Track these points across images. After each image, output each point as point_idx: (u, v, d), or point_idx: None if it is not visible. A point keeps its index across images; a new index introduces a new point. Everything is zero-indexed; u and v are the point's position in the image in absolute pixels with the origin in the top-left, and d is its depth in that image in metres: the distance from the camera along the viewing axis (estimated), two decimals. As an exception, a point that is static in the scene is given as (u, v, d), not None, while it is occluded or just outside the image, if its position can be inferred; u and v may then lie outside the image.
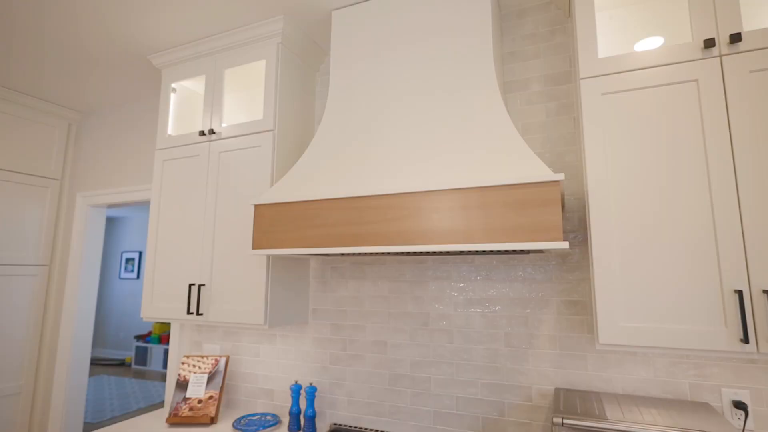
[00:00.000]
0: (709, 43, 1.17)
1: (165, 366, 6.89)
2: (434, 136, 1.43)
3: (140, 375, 6.64)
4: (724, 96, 1.15)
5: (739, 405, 1.27)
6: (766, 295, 1.04)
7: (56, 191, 2.76)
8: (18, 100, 2.55)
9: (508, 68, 1.74)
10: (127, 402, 5.19)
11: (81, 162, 2.84)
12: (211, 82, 1.97)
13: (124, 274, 7.86)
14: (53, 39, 1.98)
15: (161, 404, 5.09)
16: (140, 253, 7.78)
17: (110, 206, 2.80)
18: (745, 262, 1.08)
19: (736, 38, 1.14)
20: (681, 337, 1.11)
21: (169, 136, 2.04)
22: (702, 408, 1.22)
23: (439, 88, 1.51)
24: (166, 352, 6.96)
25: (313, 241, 1.42)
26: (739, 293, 1.06)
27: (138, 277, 7.73)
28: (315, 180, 1.51)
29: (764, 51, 1.13)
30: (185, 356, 1.97)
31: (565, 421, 1.14)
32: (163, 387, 5.94)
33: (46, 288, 2.68)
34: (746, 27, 1.37)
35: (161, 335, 7.08)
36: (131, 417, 4.83)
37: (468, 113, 1.42)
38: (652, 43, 1.49)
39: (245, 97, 2.22)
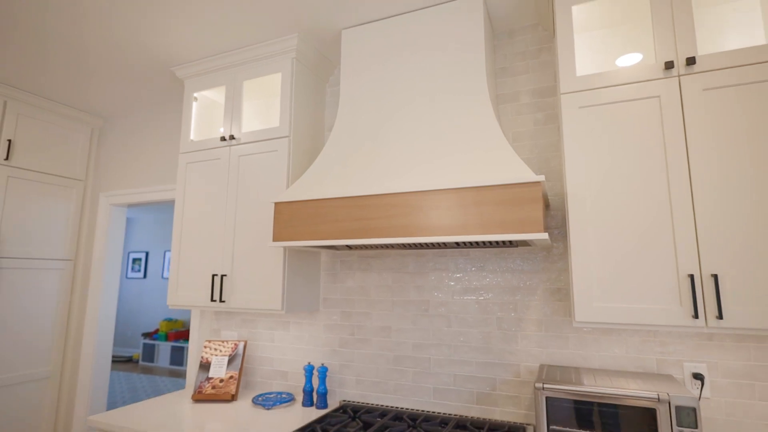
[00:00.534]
0: (669, 65, 1.37)
1: (172, 362, 7.08)
2: (433, 142, 1.63)
3: (148, 371, 6.83)
4: (681, 110, 1.35)
5: (697, 376, 1.46)
6: (712, 278, 1.24)
7: (81, 191, 2.96)
8: (48, 107, 2.74)
9: (500, 82, 1.94)
10: (137, 395, 5.38)
11: (103, 164, 3.04)
12: (231, 93, 2.16)
13: (131, 274, 8.05)
14: (86, 51, 2.18)
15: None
16: (147, 254, 7.96)
17: (130, 205, 3.00)
18: (696, 251, 1.27)
19: (691, 61, 1.34)
20: (645, 315, 1.31)
21: (192, 141, 2.24)
22: (666, 379, 1.42)
23: (438, 100, 1.71)
24: (173, 348, 7.14)
25: (325, 234, 1.61)
26: (691, 277, 1.26)
27: (144, 276, 7.92)
28: (327, 181, 1.71)
29: (715, 72, 1.32)
30: (207, 341, 2.17)
31: (545, 386, 1.33)
32: (171, 382, 6.13)
33: (71, 280, 2.88)
34: (700, 51, 1.57)
35: (168, 333, 7.26)
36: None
37: (463, 122, 1.62)
38: (632, 58, 1.69)
39: (262, 104, 2.42)
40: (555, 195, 1.77)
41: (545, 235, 1.29)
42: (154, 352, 7.34)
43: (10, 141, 2.56)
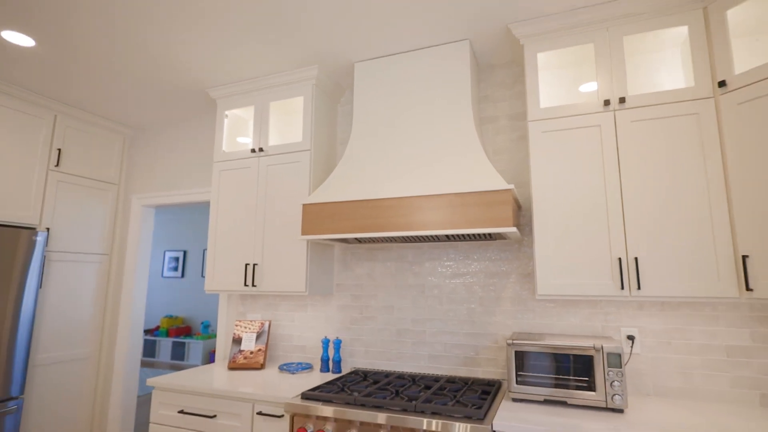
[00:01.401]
0: (607, 102, 1.83)
1: (173, 357, 7.38)
2: (428, 156, 2.07)
3: (149, 365, 7.13)
4: (615, 136, 1.81)
5: (630, 337, 1.92)
6: (635, 260, 1.70)
7: (115, 193, 3.33)
8: (88, 119, 3.12)
9: (483, 107, 2.39)
10: (144, 385, 5.69)
11: (134, 169, 3.41)
12: (259, 112, 2.58)
13: (132, 272, 8.32)
14: (131, 74, 2.56)
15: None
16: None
17: (158, 207, 3.37)
18: (624, 242, 1.73)
19: (623, 100, 1.81)
20: (588, 288, 1.76)
21: (224, 152, 2.65)
22: (606, 339, 1.87)
23: (432, 123, 2.15)
24: (174, 344, 7.45)
25: (342, 229, 2.03)
26: (620, 259, 1.71)
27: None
28: (344, 187, 2.14)
29: (641, 108, 1.79)
30: (237, 321, 2.57)
31: (514, 341, 1.78)
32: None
33: (107, 272, 3.24)
34: (630, 92, 2.03)
35: (169, 329, 7.57)
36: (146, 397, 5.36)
37: (452, 140, 2.06)
38: (581, 95, 2.15)
39: (285, 120, 2.83)
40: (525, 199, 2.22)
41: (514, 229, 1.73)
42: (155, 348, 7.62)
43: (59, 150, 2.93)
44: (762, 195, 1.53)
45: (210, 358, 6.95)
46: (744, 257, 1.54)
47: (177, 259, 7.93)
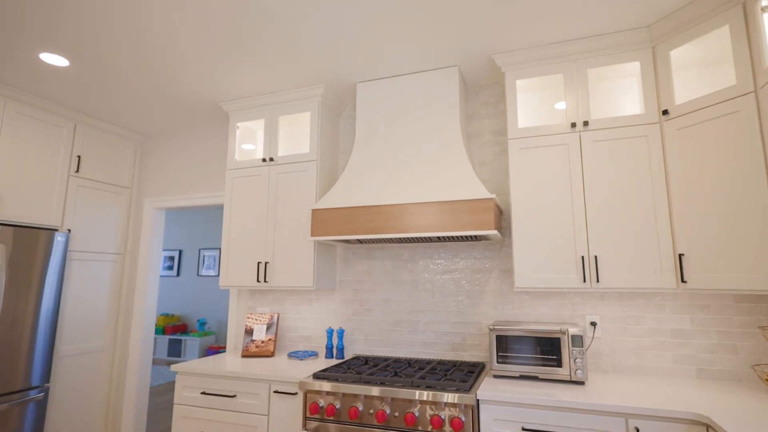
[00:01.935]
0: (573, 125, 2.16)
1: (170, 354, 7.56)
2: (422, 168, 2.38)
3: (147, 362, 7.29)
4: (580, 154, 2.14)
5: (593, 323, 2.27)
6: (595, 258, 2.03)
7: (128, 197, 3.57)
8: (104, 128, 3.35)
9: (470, 123, 2.71)
10: (153, 377, 5.89)
11: (146, 174, 3.65)
12: (269, 124, 2.86)
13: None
14: (150, 89, 2.80)
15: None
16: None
17: (169, 209, 3.62)
18: (587, 242, 2.06)
19: (586, 123, 2.14)
20: (556, 281, 2.09)
21: (236, 160, 2.91)
22: (573, 325, 2.20)
23: (426, 137, 2.46)
24: (170, 341, 7.62)
25: (347, 231, 2.33)
26: (583, 257, 2.05)
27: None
28: (348, 195, 2.43)
29: (601, 130, 2.12)
30: (249, 314, 2.84)
31: (495, 327, 2.10)
32: (167, 371, 6.64)
33: (121, 271, 3.48)
34: (593, 116, 2.37)
35: (165, 327, 7.74)
36: (153, 389, 5.59)
37: (442, 153, 2.37)
38: (552, 117, 2.48)
39: (290, 131, 3.11)
40: (506, 205, 2.55)
41: (496, 232, 2.05)
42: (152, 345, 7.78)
43: (79, 157, 3.16)
44: (695, 204, 1.88)
45: (207, 354, 7.16)
46: (680, 255, 1.89)
47: (172, 258, 8.10)
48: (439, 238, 2.28)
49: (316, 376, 2.13)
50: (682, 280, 1.88)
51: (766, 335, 1.98)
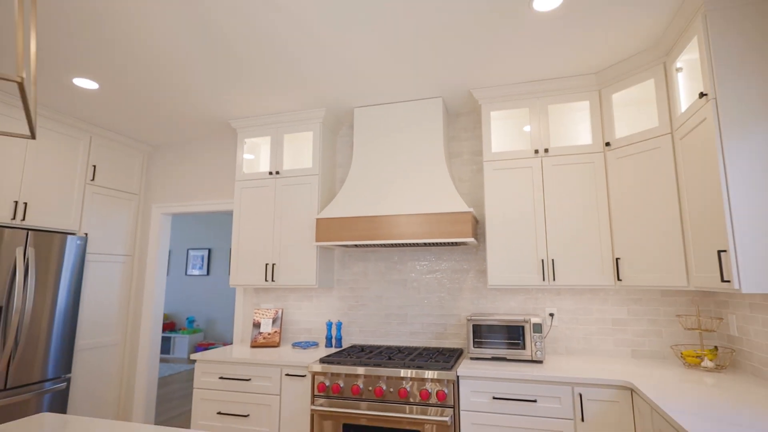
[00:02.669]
0: (537, 151, 2.63)
1: (163, 351, 7.73)
2: (410, 183, 2.80)
3: (135, 360, 7.44)
4: (542, 175, 2.61)
5: (551, 314, 2.75)
6: (552, 260, 2.51)
7: (137, 203, 3.85)
8: (115, 138, 3.63)
9: (452, 144, 3.15)
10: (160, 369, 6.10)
11: (154, 181, 3.94)
12: (275, 141, 3.22)
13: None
14: (166, 107, 3.12)
15: (169, 377, 6.06)
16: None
17: (175, 215, 3.91)
18: (546, 248, 2.53)
19: (547, 150, 2.61)
20: (522, 279, 2.55)
21: (244, 173, 3.26)
22: (535, 315, 2.67)
23: (413, 157, 2.88)
24: (165, 339, 7.78)
25: (346, 238, 2.73)
26: (542, 260, 2.52)
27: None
28: (348, 206, 2.83)
29: (558, 156, 2.60)
30: (256, 309, 3.20)
31: (472, 317, 2.55)
32: (165, 366, 6.86)
33: (131, 271, 3.76)
34: (552, 144, 2.85)
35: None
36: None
37: (428, 171, 2.80)
38: (520, 143, 2.95)
39: (296, 146, 3.47)
40: (481, 216, 3.00)
41: (473, 239, 2.50)
42: (137, 344, 7.92)
43: (94, 166, 3.44)
44: (628, 218, 2.37)
45: (196, 350, 7.38)
46: (617, 259, 2.38)
47: (160, 258, 8.26)
48: (425, 243, 2.71)
49: (323, 360, 2.52)
50: (618, 279, 2.37)
51: (682, 322, 2.50)
